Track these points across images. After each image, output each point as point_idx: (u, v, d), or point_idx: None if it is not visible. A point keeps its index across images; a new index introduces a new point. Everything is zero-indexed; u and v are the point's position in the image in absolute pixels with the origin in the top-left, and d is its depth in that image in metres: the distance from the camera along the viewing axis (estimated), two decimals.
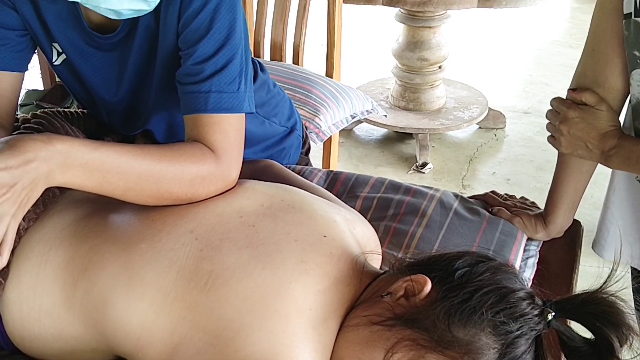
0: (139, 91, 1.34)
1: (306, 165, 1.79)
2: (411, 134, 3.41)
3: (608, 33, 1.23)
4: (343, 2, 2.30)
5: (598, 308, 0.91)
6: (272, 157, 1.62)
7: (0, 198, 0.92)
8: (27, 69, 1.32)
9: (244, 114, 1.21)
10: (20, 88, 1.31)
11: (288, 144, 1.69)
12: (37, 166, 0.95)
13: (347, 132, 3.49)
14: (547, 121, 1.33)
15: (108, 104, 1.37)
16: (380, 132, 3.55)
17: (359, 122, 3.40)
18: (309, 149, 1.85)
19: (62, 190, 1.13)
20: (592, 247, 1.49)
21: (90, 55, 1.29)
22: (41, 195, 1.01)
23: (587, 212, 1.96)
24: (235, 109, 1.18)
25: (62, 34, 1.26)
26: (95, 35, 1.25)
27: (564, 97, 1.31)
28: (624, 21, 1.19)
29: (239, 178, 1.19)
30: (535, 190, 3.01)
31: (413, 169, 3.23)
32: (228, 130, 1.16)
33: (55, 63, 1.33)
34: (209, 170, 1.12)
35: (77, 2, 1.11)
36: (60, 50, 1.30)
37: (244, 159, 1.21)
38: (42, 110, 1.36)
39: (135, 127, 1.41)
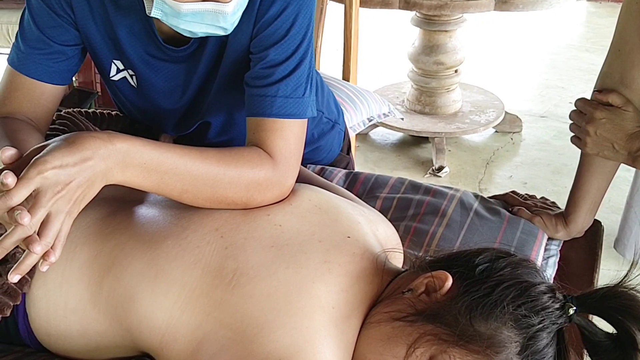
0: (199, 95, 1.33)
1: (347, 164, 1.77)
2: (427, 137, 3.41)
3: (634, 34, 1.23)
4: (360, 6, 2.31)
5: (619, 302, 0.92)
6: (316, 150, 1.61)
7: (55, 195, 0.90)
8: (70, 82, 1.30)
9: (306, 120, 1.20)
10: (61, 98, 1.30)
11: (331, 137, 1.67)
12: (95, 164, 0.94)
13: (363, 136, 3.50)
14: (565, 124, 1.34)
15: (167, 110, 1.37)
16: (396, 136, 3.55)
17: (375, 126, 3.41)
18: (349, 147, 1.81)
19: None
20: (614, 247, 1.50)
21: (159, 67, 1.28)
22: None
23: (605, 216, 1.95)
24: (298, 115, 1.17)
25: (131, 47, 1.25)
26: (168, 48, 1.24)
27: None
28: None
29: None
30: (552, 194, 2.99)
31: (429, 173, 3.23)
32: (289, 137, 1.16)
33: (114, 78, 1.32)
34: (266, 175, 1.11)
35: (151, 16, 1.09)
36: (122, 68, 1.30)
37: None
38: (65, 110, 1.36)
39: (189, 127, 1.40)
